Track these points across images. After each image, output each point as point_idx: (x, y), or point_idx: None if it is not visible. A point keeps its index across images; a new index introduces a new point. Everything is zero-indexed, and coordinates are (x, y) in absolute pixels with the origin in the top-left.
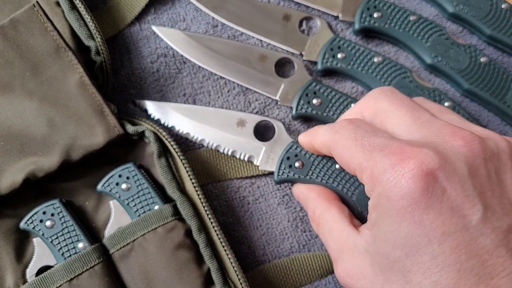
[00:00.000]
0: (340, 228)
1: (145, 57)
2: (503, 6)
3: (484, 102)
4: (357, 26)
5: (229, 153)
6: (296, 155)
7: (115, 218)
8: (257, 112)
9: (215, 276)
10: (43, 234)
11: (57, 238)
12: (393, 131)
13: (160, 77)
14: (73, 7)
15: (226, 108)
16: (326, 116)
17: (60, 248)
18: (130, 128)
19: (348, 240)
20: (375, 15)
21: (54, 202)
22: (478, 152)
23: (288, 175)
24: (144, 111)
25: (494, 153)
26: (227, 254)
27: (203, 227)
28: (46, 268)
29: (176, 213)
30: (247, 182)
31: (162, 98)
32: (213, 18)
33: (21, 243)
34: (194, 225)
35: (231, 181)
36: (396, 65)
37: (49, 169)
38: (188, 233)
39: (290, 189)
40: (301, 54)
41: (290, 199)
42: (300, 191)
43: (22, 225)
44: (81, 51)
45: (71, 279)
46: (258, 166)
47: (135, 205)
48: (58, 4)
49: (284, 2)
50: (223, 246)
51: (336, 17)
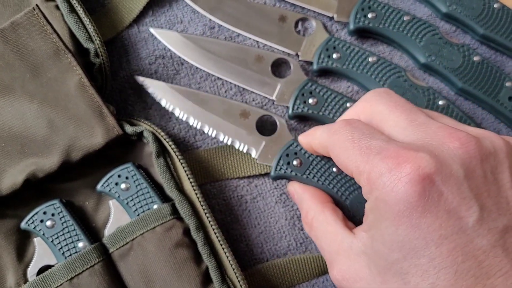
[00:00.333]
0: (335, 231)
1: (143, 59)
2: (496, 6)
3: (478, 101)
4: (352, 27)
5: (228, 143)
6: (296, 153)
7: (115, 218)
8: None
9: (213, 274)
10: (44, 234)
11: (58, 238)
12: (389, 134)
13: (158, 79)
14: (72, 10)
15: None
16: (322, 116)
17: (61, 248)
18: (129, 129)
19: (343, 243)
20: (370, 16)
21: (55, 202)
22: (474, 153)
23: (286, 172)
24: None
25: (491, 153)
26: (225, 252)
27: (201, 226)
28: (47, 268)
29: (175, 212)
30: (245, 181)
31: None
32: (210, 20)
33: (22, 243)
34: (192, 224)
35: (229, 180)
36: (391, 65)
37: (49, 170)
38: (187, 232)
39: None
40: (297, 55)
41: (288, 198)
42: (295, 190)
43: (23, 225)
44: (80, 53)
45: (72, 278)
46: (256, 160)
47: (134, 205)
48: (58, 7)
49: (280, 4)
50: (221, 245)
51: (331, 18)
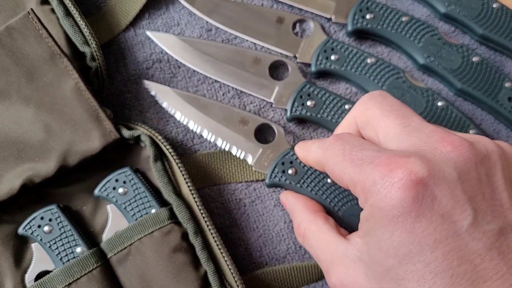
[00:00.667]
0: (329, 239)
1: (140, 62)
2: (495, 6)
3: (477, 101)
4: (350, 28)
5: (226, 148)
6: (291, 162)
7: (113, 222)
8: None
9: (212, 279)
10: (41, 239)
11: (55, 243)
12: (384, 139)
13: (155, 82)
14: (68, 14)
15: None
16: (321, 118)
17: (59, 253)
18: (126, 133)
19: (338, 250)
20: (368, 17)
21: (52, 208)
22: (468, 156)
23: (280, 180)
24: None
25: (484, 155)
26: (224, 257)
27: (199, 230)
28: (45, 273)
29: (173, 217)
30: (243, 185)
31: (158, 102)
32: (207, 22)
33: (20, 249)
34: (190, 228)
35: (227, 184)
36: (389, 66)
37: (46, 175)
38: (185, 236)
39: None
40: (295, 57)
41: None
42: (288, 200)
43: (20, 231)
44: (77, 57)
45: (70, 284)
46: (252, 166)
47: (132, 209)
48: (53, 11)
49: (278, 5)
50: (220, 249)
51: (329, 19)
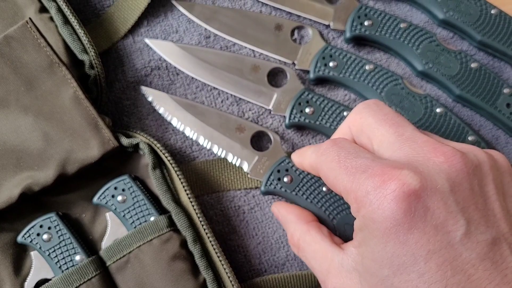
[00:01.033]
0: (323, 249)
1: (139, 69)
2: (493, 12)
3: (476, 107)
4: (348, 35)
5: (222, 156)
6: (287, 170)
7: (112, 230)
8: (251, 122)
9: (211, 287)
10: (41, 248)
11: (55, 251)
12: (378, 148)
13: (154, 89)
14: (67, 22)
15: None
16: (319, 125)
17: (58, 261)
18: (125, 141)
19: (334, 260)
20: (366, 23)
21: (51, 216)
22: (461, 167)
23: (275, 188)
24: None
25: (476, 166)
26: (223, 265)
27: (198, 238)
28: (44, 281)
29: (172, 224)
30: (242, 192)
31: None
32: (206, 29)
33: (19, 257)
34: (189, 236)
35: (226, 191)
36: (388, 73)
37: (45, 183)
38: (184, 244)
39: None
40: (294, 63)
41: None
42: (280, 212)
43: (20, 239)
44: (75, 65)
45: None
46: (248, 174)
47: (131, 217)
48: (52, 19)
49: (276, 12)
50: (218, 257)
51: (328, 26)
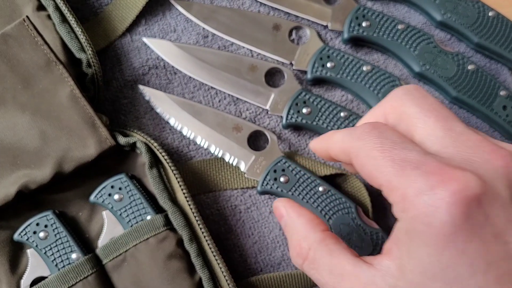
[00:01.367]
0: (345, 264)
1: (136, 68)
2: (490, 14)
3: (472, 109)
4: (346, 35)
5: (219, 155)
6: (283, 170)
7: (108, 229)
8: (248, 122)
9: (207, 286)
10: (37, 246)
11: (51, 249)
12: (422, 141)
13: (151, 88)
14: (64, 20)
15: None
16: (316, 125)
17: (54, 259)
18: (122, 140)
19: (360, 278)
20: (364, 24)
21: (47, 214)
22: None
23: (272, 187)
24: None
25: None
26: (218, 264)
27: (194, 237)
28: (40, 279)
29: (168, 223)
30: (239, 191)
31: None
32: (204, 29)
33: (15, 255)
34: (186, 235)
35: (223, 191)
36: (385, 74)
37: (42, 181)
38: (180, 243)
39: None
40: (291, 64)
41: None
42: (288, 213)
43: (16, 237)
44: (73, 63)
45: None
46: (244, 173)
47: (128, 216)
48: (50, 17)
49: (274, 12)
50: (214, 256)
51: (326, 27)
